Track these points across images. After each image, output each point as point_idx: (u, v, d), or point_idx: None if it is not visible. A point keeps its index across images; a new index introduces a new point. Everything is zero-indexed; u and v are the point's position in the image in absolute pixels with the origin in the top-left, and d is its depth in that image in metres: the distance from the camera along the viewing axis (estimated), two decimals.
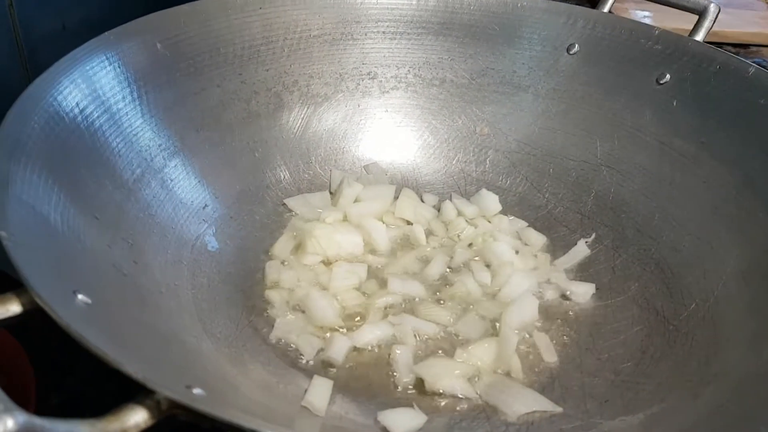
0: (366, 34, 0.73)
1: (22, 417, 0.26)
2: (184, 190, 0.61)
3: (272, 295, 0.58)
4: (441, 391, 0.51)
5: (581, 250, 0.65)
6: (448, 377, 0.52)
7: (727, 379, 0.48)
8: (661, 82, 0.67)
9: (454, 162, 0.74)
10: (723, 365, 0.50)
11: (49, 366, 0.55)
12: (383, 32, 0.74)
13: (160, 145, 0.60)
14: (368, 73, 0.74)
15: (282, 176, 0.69)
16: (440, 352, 0.55)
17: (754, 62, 0.93)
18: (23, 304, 0.34)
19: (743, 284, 0.54)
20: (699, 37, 0.68)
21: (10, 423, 0.25)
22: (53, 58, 0.52)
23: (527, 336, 0.57)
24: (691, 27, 0.69)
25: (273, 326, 0.56)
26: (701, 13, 0.69)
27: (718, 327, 0.54)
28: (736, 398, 0.46)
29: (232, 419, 0.29)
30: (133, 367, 0.30)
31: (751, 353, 0.49)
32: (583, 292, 0.61)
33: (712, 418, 0.45)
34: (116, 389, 0.31)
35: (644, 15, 1.12)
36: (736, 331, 0.52)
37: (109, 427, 0.29)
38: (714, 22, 0.70)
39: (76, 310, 0.36)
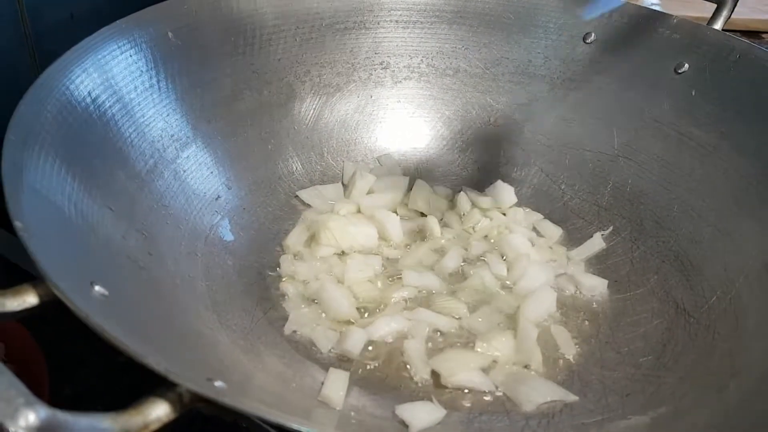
0: (378, 23, 0.72)
1: (44, 411, 0.25)
2: (196, 181, 0.60)
3: (287, 287, 0.58)
4: (457, 384, 0.51)
5: (596, 242, 0.64)
6: (465, 370, 0.51)
7: (752, 372, 0.47)
8: (680, 71, 0.65)
9: (467, 153, 0.73)
10: (747, 358, 0.49)
11: (61, 358, 0.54)
12: (396, 21, 0.72)
13: (172, 136, 0.59)
14: (381, 63, 0.73)
15: (294, 167, 0.69)
16: (458, 344, 0.55)
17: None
18: (40, 296, 0.34)
19: (766, 276, 0.53)
20: (717, 26, 0.67)
21: (32, 417, 0.25)
22: (61, 47, 0.52)
23: (545, 328, 0.56)
24: (701, 16, 0.68)
25: (288, 318, 0.55)
26: (720, 2, 0.68)
27: (741, 320, 0.53)
28: (761, 392, 0.45)
29: (256, 412, 0.29)
30: (155, 360, 0.29)
31: None
32: (591, 285, 0.60)
33: (737, 413, 0.44)
34: (129, 381, 0.30)
35: (652, 3, 1.10)
36: (759, 323, 0.51)
37: (131, 421, 0.28)
38: (732, 11, 0.69)
39: (93, 301, 0.36)
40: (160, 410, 0.29)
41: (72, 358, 0.56)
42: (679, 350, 0.52)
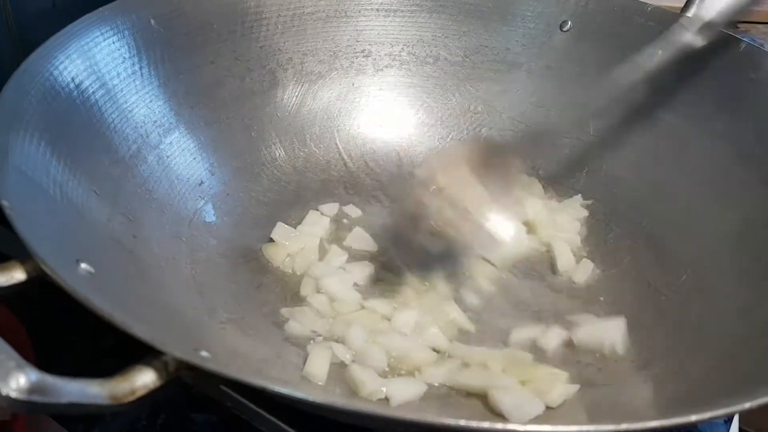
0: (360, 12, 0.73)
1: (35, 375, 0.26)
2: (180, 167, 0.61)
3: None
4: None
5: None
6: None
7: (719, 345, 0.49)
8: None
9: (448, 139, 0.75)
10: (714, 332, 0.51)
11: (46, 342, 0.55)
12: (377, 9, 0.74)
13: (155, 122, 0.60)
14: (362, 51, 0.74)
15: (277, 154, 0.69)
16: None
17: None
18: (27, 272, 0.35)
19: (734, 254, 0.55)
20: (690, 13, 0.69)
21: (23, 380, 0.26)
22: (44, 36, 0.52)
23: None
24: (679, 4, 0.69)
25: (271, 301, 0.56)
26: None
27: (709, 296, 0.55)
28: (726, 363, 0.47)
29: (240, 377, 0.30)
30: (140, 329, 0.30)
31: (740, 321, 0.51)
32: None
33: (705, 384, 0.46)
34: (114, 363, 0.31)
35: None
36: (726, 299, 0.53)
37: (119, 387, 0.29)
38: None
39: (80, 278, 0.37)
40: (146, 377, 0.30)
41: (56, 343, 0.57)
42: (649, 326, 0.54)
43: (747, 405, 0.32)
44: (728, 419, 0.59)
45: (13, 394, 0.25)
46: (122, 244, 0.48)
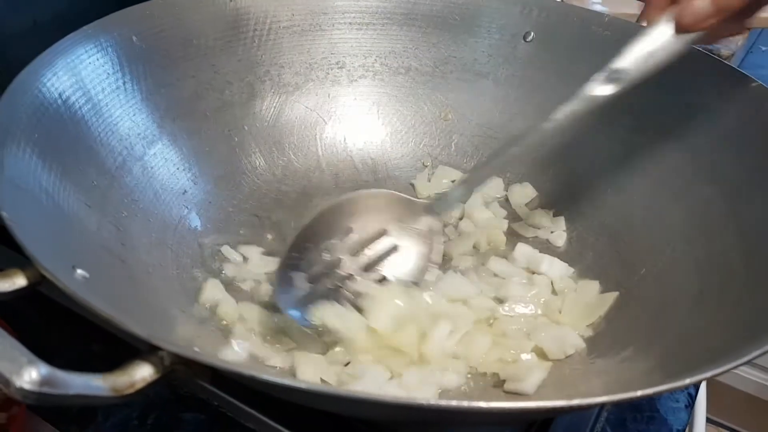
0: (333, 25, 0.77)
1: (45, 369, 0.29)
2: (164, 177, 0.64)
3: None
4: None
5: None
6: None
7: (674, 332, 0.53)
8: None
9: (421, 146, 0.78)
10: (670, 321, 0.55)
11: (35, 350, 0.57)
12: (350, 23, 0.77)
13: (139, 134, 0.63)
14: (337, 63, 0.78)
15: (258, 163, 0.72)
16: None
17: (701, 46, 0.98)
18: (28, 278, 0.37)
19: (688, 248, 0.59)
20: (645, 22, 0.73)
21: (35, 374, 0.28)
22: (24, 55, 0.54)
23: None
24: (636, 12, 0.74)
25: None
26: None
27: (666, 288, 0.58)
28: (681, 350, 0.51)
29: (232, 368, 0.33)
30: (139, 327, 0.33)
31: (695, 309, 0.54)
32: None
33: (661, 368, 0.50)
34: (102, 368, 0.34)
35: (593, 2, 1.16)
36: (682, 291, 0.57)
37: (119, 380, 0.32)
38: None
39: (77, 282, 0.39)
40: (144, 371, 0.33)
41: (45, 350, 0.59)
42: (611, 317, 0.58)
43: (687, 381, 0.35)
44: (689, 404, 0.63)
45: (27, 386, 0.28)
46: (112, 251, 0.51)
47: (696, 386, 0.64)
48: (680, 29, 0.53)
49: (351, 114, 0.78)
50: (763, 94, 0.61)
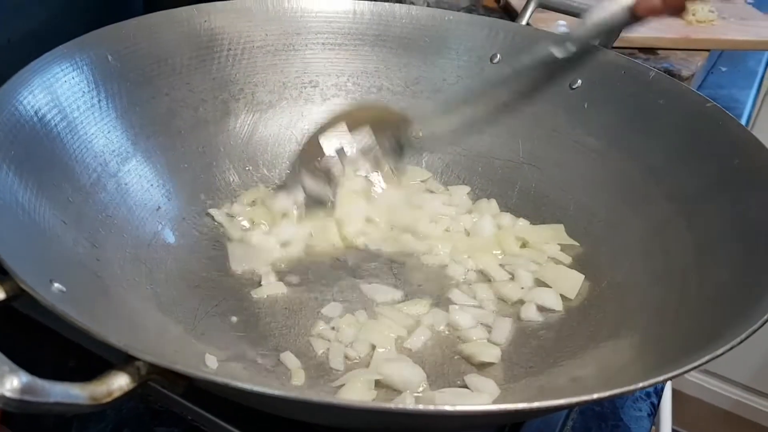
0: (307, 45, 0.79)
1: (26, 377, 0.30)
2: (138, 193, 0.65)
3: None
4: None
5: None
6: None
7: (633, 341, 0.56)
8: (574, 86, 0.75)
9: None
10: (630, 330, 0.57)
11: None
12: (323, 43, 0.79)
13: (113, 151, 0.64)
14: (310, 82, 0.79)
15: (231, 179, 0.74)
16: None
17: (662, 67, 1.03)
18: (6, 291, 0.38)
19: (647, 260, 0.62)
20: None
21: (16, 382, 0.29)
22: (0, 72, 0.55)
23: None
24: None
25: (228, 314, 0.60)
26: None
27: (627, 298, 0.61)
28: (639, 358, 0.53)
29: (207, 377, 0.34)
30: (116, 338, 0.34)
31: (656, 318, 0.57)
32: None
33: (620, 373, 0.53)
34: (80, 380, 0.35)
35: (560, 24, 1.20)
36: (643, 300, 0.59)
37: (97, 389, 0.33)
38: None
39: (54, 296, 0.40)
40: (121, 380, 0.34)
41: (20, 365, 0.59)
42: (574, 327, 0.60)
43: (640, 384, 0.38)
44: (652, 412, 0.65)
45: (8, 394, 0.29)
46: (87, 266, 0.51)
47: (658, 395, 0.66)
48: (634, 16, 0.63)
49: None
50: (717, 114, 0.65)
